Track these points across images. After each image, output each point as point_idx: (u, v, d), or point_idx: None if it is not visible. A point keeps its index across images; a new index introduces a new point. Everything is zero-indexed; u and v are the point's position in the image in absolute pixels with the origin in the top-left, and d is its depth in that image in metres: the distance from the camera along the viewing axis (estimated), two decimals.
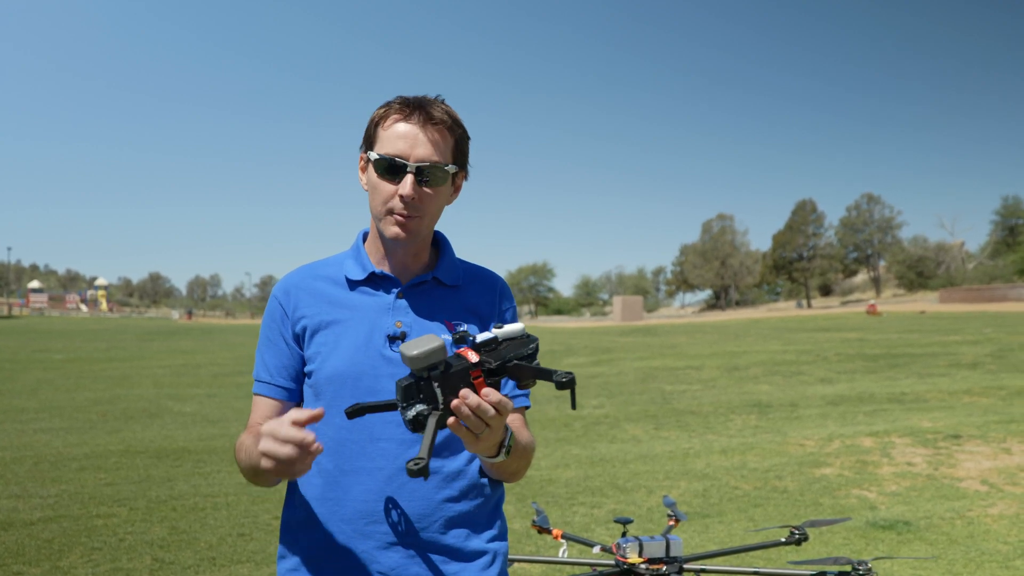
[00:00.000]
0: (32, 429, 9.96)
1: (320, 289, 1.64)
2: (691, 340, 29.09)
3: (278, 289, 1.66)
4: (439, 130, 1.54)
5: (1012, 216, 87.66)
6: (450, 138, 1.56)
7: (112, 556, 4.97)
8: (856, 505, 6.14)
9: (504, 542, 1.67)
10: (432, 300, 1.64)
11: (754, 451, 8.26)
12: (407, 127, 1.53)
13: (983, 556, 4.90)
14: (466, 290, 1.68)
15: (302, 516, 1.59)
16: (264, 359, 1.65)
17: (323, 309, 1.61)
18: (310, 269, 1.68)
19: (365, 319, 1.59)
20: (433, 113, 1.53)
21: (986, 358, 17.15)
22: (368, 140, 1.59)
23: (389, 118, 1.55)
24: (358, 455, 1.54)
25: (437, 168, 1.53)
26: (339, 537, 1.54)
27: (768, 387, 14.02)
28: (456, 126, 1.57)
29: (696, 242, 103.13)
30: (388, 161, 1.52)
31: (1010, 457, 7.64)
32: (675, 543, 2.47)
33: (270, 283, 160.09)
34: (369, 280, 1.63)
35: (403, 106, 1.55)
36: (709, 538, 5.38)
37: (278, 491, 6.65)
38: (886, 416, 10.31)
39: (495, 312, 1.69)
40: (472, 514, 1.60)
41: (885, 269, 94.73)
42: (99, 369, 19.54)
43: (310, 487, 1.58)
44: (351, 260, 1.67)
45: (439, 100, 1.59)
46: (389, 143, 1.53)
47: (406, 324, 1.59)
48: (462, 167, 1.61)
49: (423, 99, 1.57)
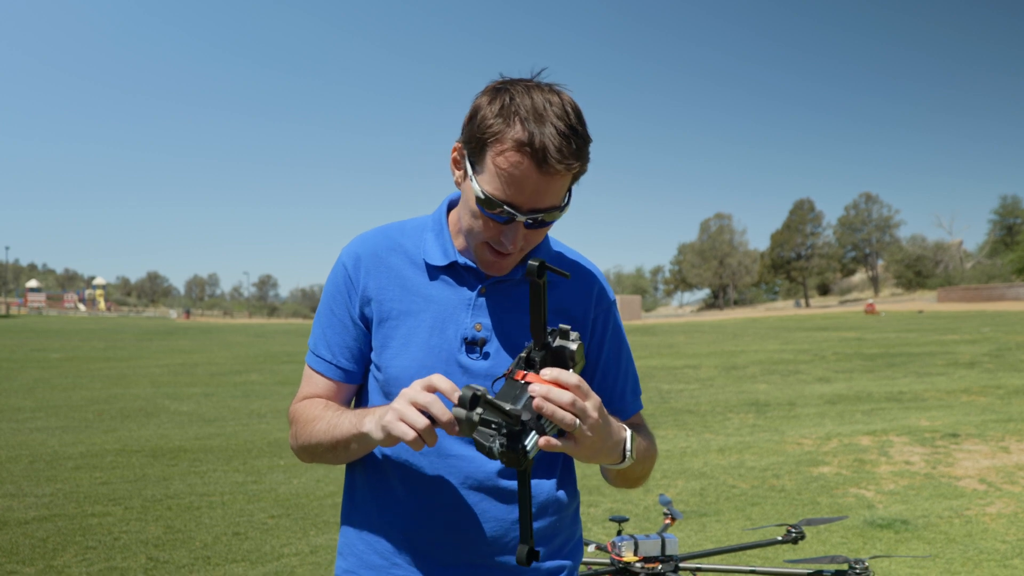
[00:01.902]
0: (28, 428, 9.93)
1: (394, 267, 1.44)
2: (689, 339, 29.10)
3: (347, 255, 1.47)
4: (561, 176, 1.26)
5: (1010, 215, 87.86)
6: (570, 176, 1.29)
7: (106, 555, 4.95)
8: (854, 504, 6.13)
9: (579, 553, 1.53)
10: (518, 299, 1.43)
11: (752, 450, 8.25)
12: (525, 171, 1.23)
13: (981, 555, 4.89)
14: (558, 287, 1.46)
15: (362, 529, 1.46)
16: (325, 333, 1.47)
17: (395, 295, 1.43)
18: (385, 237, 1.48)
19: (440, 315, 1.40)
20: (553, 160, 1.22)
21: (984, 357, 17.16)
22: (471, 149, 1.30)
23: (502, 151, 1.24)
24: (426, 469, 1.40)
25: (550, 214, 1.29)
26: (402, 557, 1.41)
27: (766, 386, 14.01)
28: (581, 162, 1.27)
29: (694, 241, 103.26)
30: (496, 205, 1.26)
31: (1008, 456, 7.63)
32: (671, 541, 2.45)
33: (268, 282, 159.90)
34: (450, 268, 1.43)
35: (521, 144, 1.22)
36: (706, 537, 5.36)
37: (273, 491, 6.63)
38: (884, 415, 10.30)
39: (588, 317, 1.48)
40: (548, 532, 1.45)
41: (883, 268, 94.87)
42: (96, 368, 19.50)
43: (372, 500, 1.45)
44: (432, 237, 1.46)
45: (562, 106, 1.26)
46: (499, 185, 1.25)
47: (486, 327, 1.40)
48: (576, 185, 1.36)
49: (544, 114, 1.24)
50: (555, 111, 1.24)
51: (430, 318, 1.41)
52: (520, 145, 1.22)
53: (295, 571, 4.70)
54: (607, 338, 1.52)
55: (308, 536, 5.38)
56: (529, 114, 1.23)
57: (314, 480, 6.96)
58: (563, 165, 1.23)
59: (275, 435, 9.42)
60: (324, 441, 1.36)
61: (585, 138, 1.27)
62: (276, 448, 8.61)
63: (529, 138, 1.22)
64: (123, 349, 27.79)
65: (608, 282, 1.56)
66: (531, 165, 1.23)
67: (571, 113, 1.26)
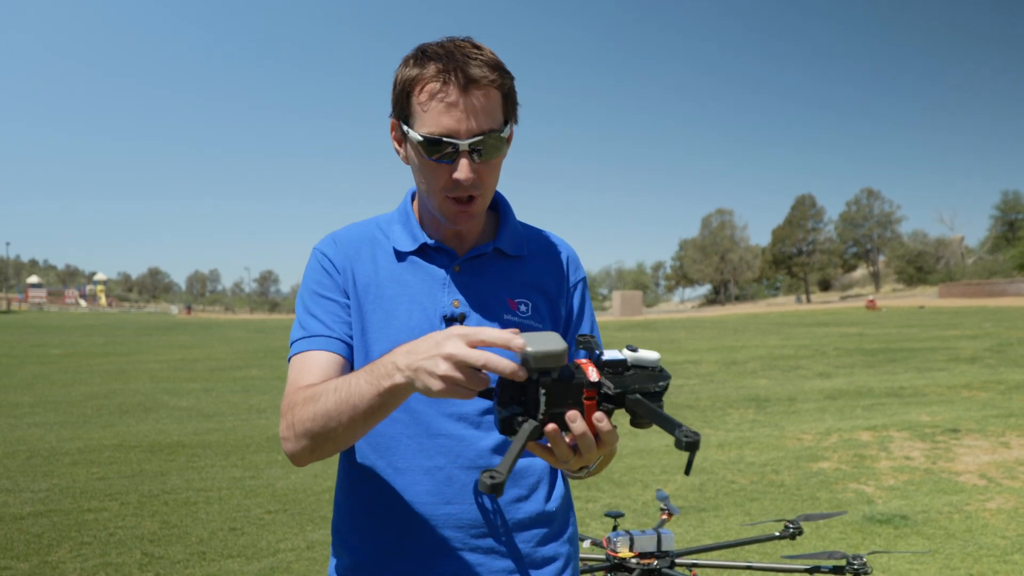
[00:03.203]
0: (26, 423, 9.92)
1: (367, 256, 1.43)
2: (690, 335, 29.09)
3: (322, 244, 1.45)
4: (485, 91, 1.27)
5: (1012, 211, 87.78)
6: (497, 94, 1.29)
7: (102, 550, 4.93)
8: (853, 499, 6.10)
9: (575, 545, 1.50)
10: (493, 274, 1.43)
11: (751, 445, 8.22)
12: (449, 97, 1.25)
13: (980, 550, 4.86)
14: (531, 262, 1.47)
15: (352, 519, 1.42)
16: (315, 315, 1.39)
17: (370, 280, 1.41)
18: (356, 230, 1.47)
19: (417, 296, 1.39)
20: (474, 73, 1.25)
21: (985, 352, 17.14)
22: (401, 109, 1.32)
23: (424, 88, 1.27)
24: (414, 452, 1.36)
25: (492, 137, 1.28)
26: (394, 542, 1.37)
27: (766, 381, 13.98)
28: (500, 76, 1.29)
29: (695, 237, 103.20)
30: (435, 142, 1.27)
31: (1008, 451, 7.60)
32: (667, 537, 2.43)
33: (269, 278, 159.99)
34: (421, 251, 1.43)
35: (438, 71, 1.25)
36: (704, 532, 5.34)
37: (270, 486, 6.61)
38: (884, 410, 10.27)
39: (563, 288, 1.49)
40: (543, 515, 1.43)
41: (884, 264, 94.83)
42: (96, 364, 19.48)
43: (360, 486, 1.41)
44: (399, 226, 1.46)
45: (471, 44, 1.30)
46: (431, 120, 1.26)
47: (463, 304, 1.39)
48: (513, 118, 1.36)
49: (455, 52, 1.27)
50: (463, 46, 1.29)
51: (407, 301, 1.40)
52: (437, 73, 1.26)
53: (291, 567, 4.68)
54: (584, 312, 1.53)
55: (305, 532, 5.36)
56: (439, 51, 1.28)
57: (311, 476, 6.94)
58: (481, 74, 1.25)
59: (273, 430, 9.41)
60: (338, 412, 1.18)
61: (494, 62, 1.30)
62: (274, 443, 8.59)
63: (444, 65, 1.26)
64: (123, 345, 27.80)
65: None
66: (452, 87, 1.25)
67: (481, 47, 1.31)
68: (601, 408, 1.09)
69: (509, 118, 1.34)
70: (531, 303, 1.44)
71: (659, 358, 1.14)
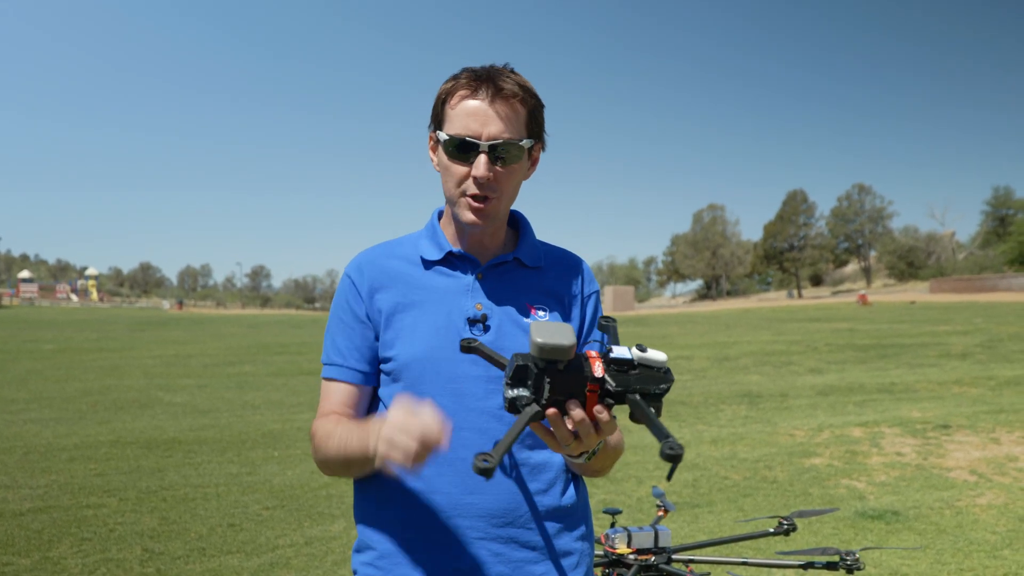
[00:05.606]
0: (22, 420, 9.92)
1: (395, 268, 1.55)
2: (682, 330, 29.15)
3: (350, 267, 1.58)
4: (510, 103, 1.44)
5: (1003, 206, 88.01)
6: (523, 110, 1.46)
7: (102, 547, 4.96)
8: (845, 495, 6.17)
9: (590, 543, 1.58)
10: (513, 282, 1.56)
11: (744, 441, 8.29)
12: (476, 103, 1.43)
13: (971, 546, 4.93)
14: (548, 272, 1.61)
15: (376, 509, 1.51)
16: (335, 341, 1.55)
17: (399, 290, 1.53)
18: (383, 248, 1.60)
19: (443, 301, 1.51)
20: (503, 85, 1.43)
21: (976, 348, 17.24)
22: (436, 118, 1.50)
23: (456, 94, 1.45)
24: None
25: (511, 144, 1.44)
26: (417, 532, 1.46)
27: (758, 377, 14.06)
28: (529, 96, 1.47)
29: (687, 232, 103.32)
30: (458, 141, 1.43)
31: (999, 447, 7.68)
32: (663, 533, 2.47)
33: (261, 273, 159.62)
34: (446, 260, 1.55)
35: (471, 80, 1.44)
36: (698, 528, 5.40)
37: (268, 482, 6.65)
38: (876, 406, 10.35)
39: (577, 297, 1.62)
40: (559, 509, 1.51)
41: (876, 259, 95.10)
42: (89, 359, 19.45)
43: (386, 478, 1.48)
44: (426, 239, 1.58)
45: (508, 69, 1.49)
46: (459, 122, 1.43)
47: (486, 307, 1.51)
48: (538, 139, 1.52)
49: (491, 70, 1.46)
50: (501, 69, 1.48)
51: (433, 305, 1.51)
52: (467, 83, 1.45)
53: (290, 562, 4.72)
54: (593, 323, 1.64)
55: (303, 527, 5.40)
56: (478, 69, 1.48)
57: (308, 471, 6.98)
58: (510, 88, 1.44)
59: (269, 426, 9.44)
60: (335, 459, 1.44)
61: (524, 84, 1.47)
62: (270, 439, 8.62)
63: (470, 75, 1.45)
64: (116, 340, 27.73)
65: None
66: (482, 94, 1.43)
67: (518, 73, 1.49)
68: (602, 402, 1.19)
69: (533, 135, 1.49)
70: (549, 309, 1.57)
71: (666, 360, 1.21)
